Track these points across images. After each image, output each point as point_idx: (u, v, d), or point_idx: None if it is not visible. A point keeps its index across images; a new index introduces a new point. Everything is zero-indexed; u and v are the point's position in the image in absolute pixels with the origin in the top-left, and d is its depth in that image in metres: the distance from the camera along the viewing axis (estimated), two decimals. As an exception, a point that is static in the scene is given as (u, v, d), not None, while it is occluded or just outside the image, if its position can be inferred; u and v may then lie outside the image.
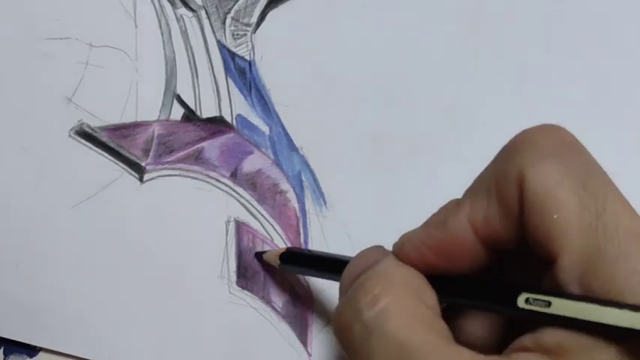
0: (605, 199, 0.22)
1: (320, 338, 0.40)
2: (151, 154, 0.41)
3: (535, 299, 0.23)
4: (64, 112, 0.42)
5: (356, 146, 0.40)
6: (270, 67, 0.41)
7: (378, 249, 0.29)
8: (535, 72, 0.39)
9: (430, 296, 0.25)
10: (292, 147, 0.40)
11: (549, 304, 0.22)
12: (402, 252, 0.26)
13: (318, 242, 0.40)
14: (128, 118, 0.41)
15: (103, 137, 0.41)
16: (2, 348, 0.41)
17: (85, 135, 0.41)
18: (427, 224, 0.26)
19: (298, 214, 0.40)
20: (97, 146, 0.41)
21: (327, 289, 0.40)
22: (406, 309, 0.24)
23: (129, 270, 0.40)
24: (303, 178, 0.40)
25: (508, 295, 0.24)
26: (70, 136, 0.41)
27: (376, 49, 0.40)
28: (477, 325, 0.27)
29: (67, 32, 0.42)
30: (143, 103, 0.41)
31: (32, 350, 0.41)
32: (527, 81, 0.39)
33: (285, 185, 0.40)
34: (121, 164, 0.41)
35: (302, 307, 0.40)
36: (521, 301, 0.23)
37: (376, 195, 0.40)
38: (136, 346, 0.40)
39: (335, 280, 0.31)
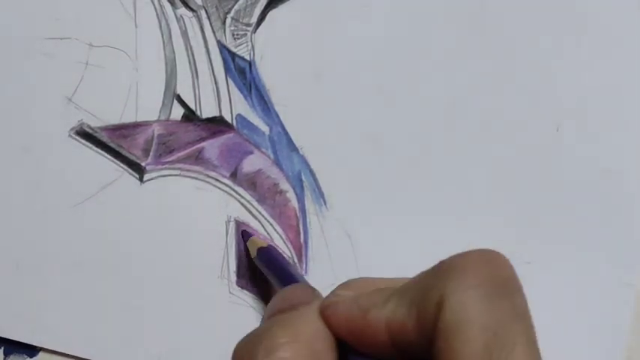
0: (511, 350, 0.22)
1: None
2: (151, 154, 0.41)
3: None
4: (64, 112, 0.42)
5: (356, 146, 0.40)
6: (270, 67, 0.41)
7: (307, 290, 0.30)
8: (535, 72, 0.39)
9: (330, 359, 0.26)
10: (292, 147, 0.40)
11: None
12: (325, 312, 0.27)
13: (318, 242, 0.40)
14: (128, 118, 0.41)
15: (103, 137, 0.41)
16: (2, 348, 0.41)
17: (85, 135, 0.41)
18: (355, 301, 0.27)
19: (298, 214, 0.40)
20: (97, 146, 0.41)
21: (328, 289, 0.40)
22: None
23: (129, 270, 0.40)
24: (303, 178, 0.40)
25: None
26: (70, 136, 0.41)
27: (376, 49, 0.40)
28: None
29: (66, 32, 0.42)
30: (143, 103, 0.41)
31: (32, 350, 0.41)
32: (528, 81, 0.39)
33: (285, 185, 0.40)
34: (121, 164, 0.41)
35: (302, 307, 0.40)
36: None
37: (376, 195, 0.40)
38: (136, 346, 0.40)
39: None
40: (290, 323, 0.26)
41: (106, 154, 0.41)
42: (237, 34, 0.41)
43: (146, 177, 0.41)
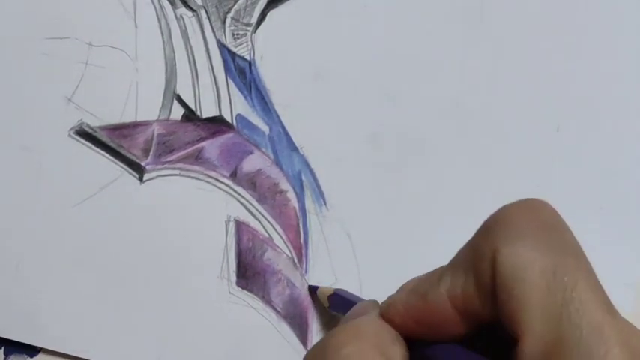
0: (574, 286, 0.22)
1: (320, 338, 0.40)
2: (151, 154, 0.41)
3: None
4: (64, 112, 0.42)
5: (356, 146, 0.40)
6: (270, 67, 0.41)
7: (371, 304, 0.31)
8: (535, 71, 0.39)
9: (397, 352, 0.26)
10: (292, 147, 0.40)
11: None
12: (386, 315, 0.28)
13: (318, 242, 0.40)
14: (128, 118, 0.41)
15: (103, 137, 0.41)
16: (3, 348, 0.41)
17: (85, 135, 0.41)
18: (411, 291, 0.27)
19: (298, 214, 0.40)
20: (96, 146, 0.41)
21: (327, 289, 0.40)
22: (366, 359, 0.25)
23: (128, 270, 0.40)
24: (303, 178, 0.40)
25: None
26: (70, 136, 0.41)
27: (376, 49, 0.40)
28: None
29: (66, 32, 0.42)
30: (143, 103, 0.41)
31: (32, 350, 0.41)
32: (528, 81, 0.39)
33: (285, 185, 0.40)
34: (121, 164, 0.41)
35: (302, 307, 0.40)
36: None
37: (376, 195, 0.40)
38: (136, 346, 0.40)
39: None
40: (353, 325, 0.27)
41: (105, 154, 0.41)
42: (237, 34, 0.41)
43: (146, 177, 0.41)
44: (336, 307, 0.38)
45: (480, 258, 0.24)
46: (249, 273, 0.40)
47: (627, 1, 0.39)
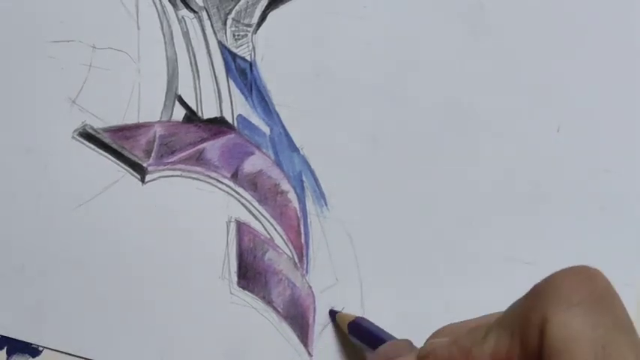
0: None
1: (321, 338, 0.39)
2: (153, 155, 0.41)
3: None
4: (67, 113, 0.42)
5: (356, 146, 0.40)
6: (270, 68, 0.41)
7: (406, 344, 0.32)
8: (535, 72, 0.39)
9: None
10: (293, 147, 0.40)
11: None
12: None
13: (319, 243, 0.40)
14: (130, 120, 0.41)
15: (106, 139, 0.41)
16: (5, 347, 0.41)
17: (88, 136, 0.42)
18: (454, 344, 0.27)
19: (299, 215, 0.40)
20: (99, 147, 0.42)
21: (329, 289, 0.40)
22: None
23: (130, 270, 0.41)
24: (304, 179, 0.40)
25: None
26: (73, 137, 0.42)
27: (376, 49, 0.40)
28: None
29: (71, 35, 0.42)
30: (145, 104, 0.41)
31: (35, 350, 0.41)
32: (528, 81, 0.39)
33: (285, 186, 0.40)
34: (123, 165, 0.41)
35: (303, 307, 0.40)
36: None
37: (377, 195, 0.40)
38: (138, 346, 0.40)
39: None
40: None
41: (108, 155, 0.41)
42: (238, 35, 0.41)
43: (148, 178, 0.41)
44: (355, 333, 0.38)
45: (528, 324, 0.24)
46: (250, 274, 0.40)
47: (627, 1, 0.38)
